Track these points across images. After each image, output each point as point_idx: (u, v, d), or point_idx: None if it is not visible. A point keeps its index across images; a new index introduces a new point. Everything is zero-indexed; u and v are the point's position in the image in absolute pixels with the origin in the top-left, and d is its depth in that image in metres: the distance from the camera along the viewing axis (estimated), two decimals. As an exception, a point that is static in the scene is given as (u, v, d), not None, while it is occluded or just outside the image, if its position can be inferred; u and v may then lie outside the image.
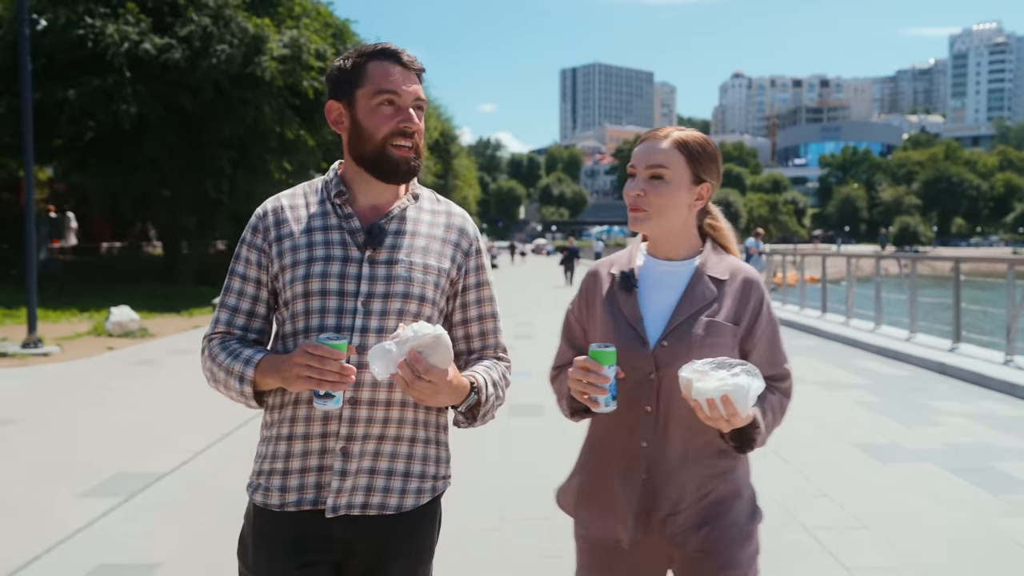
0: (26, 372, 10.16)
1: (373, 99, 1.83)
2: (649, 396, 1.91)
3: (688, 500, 1.92)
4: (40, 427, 7.12)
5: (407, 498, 1.86)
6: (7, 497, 5.16)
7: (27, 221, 12.43)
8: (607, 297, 2.02)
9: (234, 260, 1.92)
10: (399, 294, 1.84)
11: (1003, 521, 4.68)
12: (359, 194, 1.90)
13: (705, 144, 1.98)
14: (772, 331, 1.98)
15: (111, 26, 19.67)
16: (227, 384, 1.83)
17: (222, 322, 1.90)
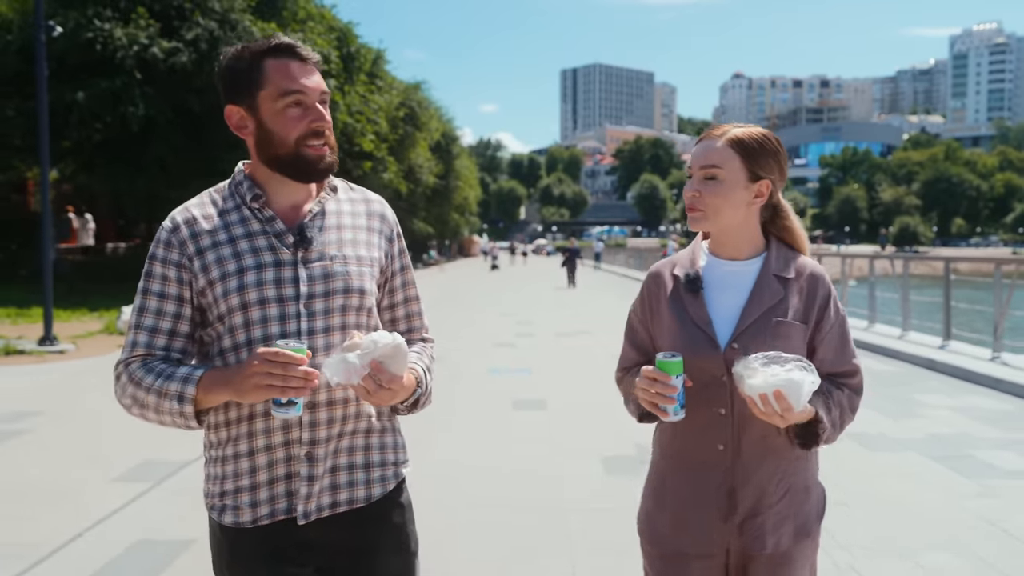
0: (45, 368, 10.50)
1: (279, 101, 1.76)
2: (722, 398, 1.90)
3: (767, 501, 1.92)
4: (66, 419, 7.47)
5: (374, 488, 1.87)
6: (45, 482, 5.50)
7: (43, 223, 12.79)
8: (672, 299, 2.00)
9: (145, 279, 1.81)
10: (339, 290, 1.81)
11: (975, 501, 5.02)
12: (275, 195, 1.84)
13: (763, 140, 1.94)
14: (840, 327, 1.97)
15: (120, 30, 20.04)
16: (158, 408, 1.73)
17: (141, 344, 1.78)
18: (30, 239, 25.89)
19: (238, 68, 1.78)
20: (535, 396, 8.37)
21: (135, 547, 4.33)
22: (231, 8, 21.15)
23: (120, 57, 19.72)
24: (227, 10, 21.10)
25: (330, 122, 1.80)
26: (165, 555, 4.22)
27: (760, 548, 1.91)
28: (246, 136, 1.81)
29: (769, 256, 1.98)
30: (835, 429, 1.90)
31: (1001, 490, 5.27)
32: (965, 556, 4.18)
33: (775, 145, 1.95)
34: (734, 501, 1.91)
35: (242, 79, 1.77)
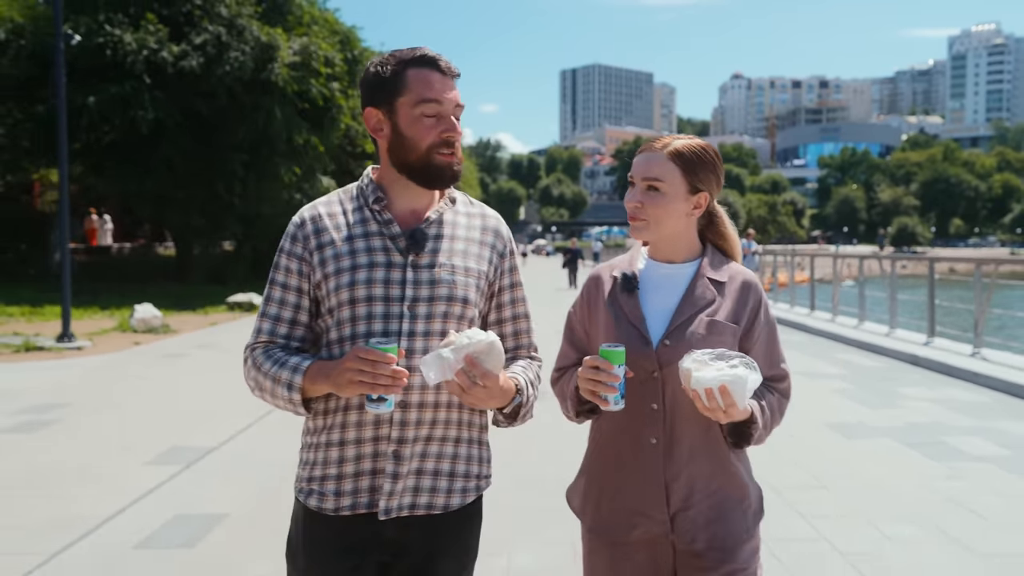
0: (65, 364, 10.93)
1: (416, 108, 1.84)
2: (655, 394, 1.96)
3: (697, 496, 1.97)
4: (93, 410, 7.90)
5: (453, 497, 1.90)
6: (82, 465, 5.93)
7: (60, 224, 13.20)
8: (609, 299, 2.06)
9: (273, 270, 1.93)
10: (443, 297, 1.87)
11: (942, 483, 5.47)
12: (397, 199, 1.92)
13: (702, 153, 2.01)
14: (770, 332, 2.04)
15: (129, 35, 20.45)
16: (274, 392, 1.84)
17: (264, 331, 1.91)
18: (38, 239, 26.36)
19: (382, 74, 1.86)
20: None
21: (173, 521, 4.77)
22: (238, 13, 21.55)
23: (130, 62, 20.13)
24: (234, 16, 21.51)
25: (461, 134, 1.89)
26: (200, 528, 4.66)
27: (691, 542, 1.96)
28: (380, 138, 1.90)
29: (704, 260, 2.05)
30: (765, 430, 1.96)
31: (967, 472, 5.71)
32: (927, 528, 4.62)
33: (713, 157, 2.02)
34: (667, 494, 1.96)
35: (384, 84, 1.85)
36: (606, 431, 2.06)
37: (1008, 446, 6.39)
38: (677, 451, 1.96)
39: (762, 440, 1.98)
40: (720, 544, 1.96)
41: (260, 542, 4.41)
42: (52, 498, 5.18)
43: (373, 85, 1.87)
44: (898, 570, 4.05)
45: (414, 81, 1.84)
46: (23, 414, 7.60)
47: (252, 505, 5.04)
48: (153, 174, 21.82)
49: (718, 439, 1.98)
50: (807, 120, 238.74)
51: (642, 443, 1.98)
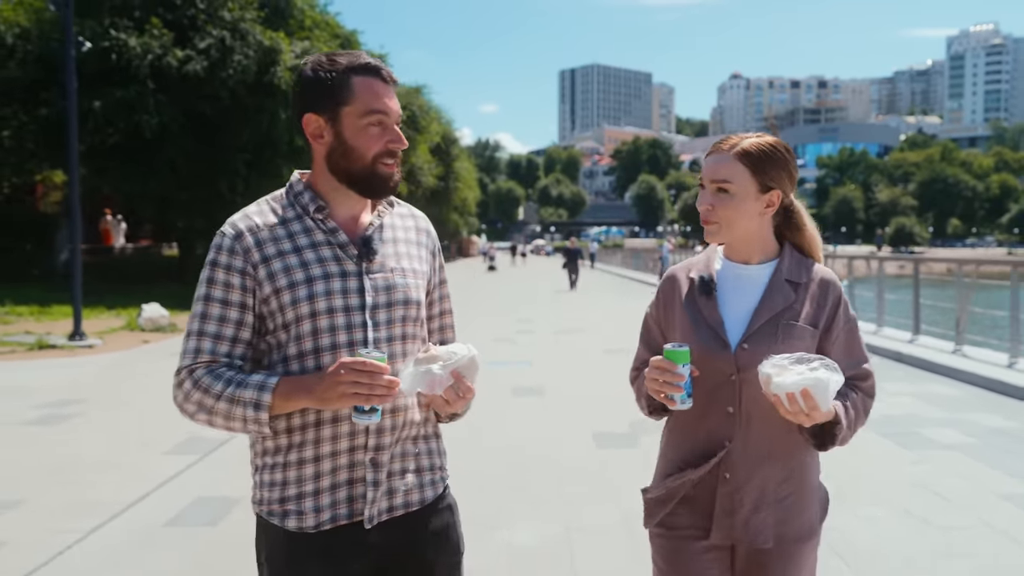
0: (78, 361, 11.31)
1: (362, 119, 1.82)
2: (731, 397, 1.96)
3: (768, 499, 1.99)
4: (110, 404, 8.28)
5: (426, 491, 1.94)
6: (105, 455, 6.31)
7: (72, 224, 13.55)
8: (686, 301, 2.06)
9: (207, 285, 1.83)
10: (400, 301, 1.88)
11: (910, 467, 5.86)
12: (338, 207, 1.89)
13: (771, 150, 1.99)
14: (850, 331, 2.04)
15: (134, 39, 20.83)
16: (229, 414, 1.76)
17: (205, 351, 1.80)
18: (42, 240, 26.71)
19: (324, 79, 1.82)
20: (534, 384, 9.19)
21: (196, 503, 5.15)
22: (241, 18, 21.94)
23: (135, 66, 20.50)
24: (237, 20, 21.89)
25: (406, 144, 1.89)
26: (221, 508, 5.04)
27: (763, 543, 1.98)
28: (319, 145, 1.86)
29: (781, 261, 2.04)
30: (850, 430, 1.96)
31: (935, 459, 6.10)
32: (893, 508, 5.01)
33: (783, 154, 2.00)
34: (739, 497, 1.98)
35: (327, 90, 1.82)
36: (679, 432, 2.08)
37: (976, 436, 6.78)
38: (750, 455, 1.97)
39: (847, 440, 1.97)
40: (787, 544, 2.00)
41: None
42: (82, 483, 5.57)
43: (315, 90, 1.83)
44: (863, 543, 4.44)
45: (360, 90, 1.81)
46: (44, 408, 7.99)
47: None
48: (157, 175, 22.19)
49: (794, 443, 1.99)
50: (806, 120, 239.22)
51: (715, 446, 1.99)
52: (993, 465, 5.92)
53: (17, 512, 4.98)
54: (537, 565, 4.21)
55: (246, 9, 22.34)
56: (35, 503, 5.15)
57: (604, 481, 5.54)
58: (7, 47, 21.58)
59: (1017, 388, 8.36)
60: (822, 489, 2.12)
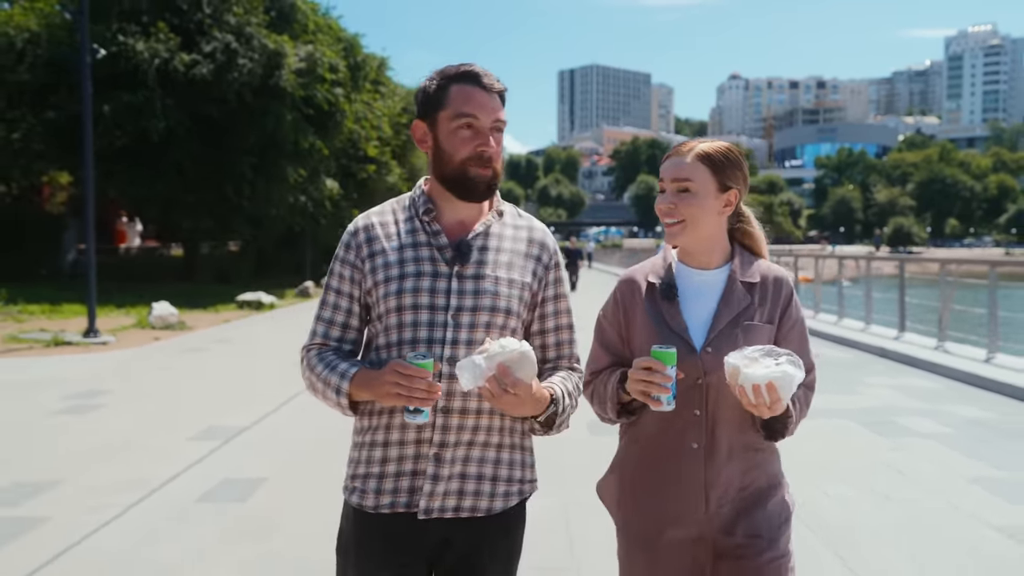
0: (94, 357, 11.74)
1: (453, 122, 1.91)
2: (698, 400, 2.01)
3: (732, 493, 2.05)
4: (132, 396, 8.72)
5: (496, 501, 1.96)
6: (134, 440, 6.75)
7: (86, 225, 13.96)
8: (648, 305, 2.10)
9: (329, 275, 2.03)
10: (486, 307, 1.92)
11: (886, 454, 6.31)
12: (445, 211, 1.98)
13: (727, 152, 2.09)
14: (800, 327, 2.12)
15: (142, 43, 21.26)
16: (325, 394, 1.94)
17: (318, 334, 2.00)
18: (49, 240, 27.17)
19: (428, 89, 1.96)
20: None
21: (223, 482, 5.59)
22: (247, 22, 22.37)
23: (143, 71, 20.92)
24: (243, 24, 22.32)
25: (496, 149, 1.93)
26: (247, 487, 5.48)
27: (729, 533, 2.04)
28: (426, 150, 2.00)
29: (735, 263, 2.11)
30: (796, 424, 2.05)
31: (908, 446, 6.55)
32: (862, 488, 5.45)
33: (738, 156, 2.10)
34: (706, 495, 2.04)
35: (429, 98, 1.95)
36: (645, 434, 2.11)
37: (951, 425, 7.22)
38: (717, 455, 2.03)
39: (792, 432, 2.06)
40: (758, 533, 2.05)
41: (297, 499, 5.24)
42: (116, 465, 6.01)
43: (421, 100, 1.97)
44: (833, 518, 4.87)
45: (455, 95, 1.91)
46: (71, 399, 8.43)
47: (286, 471, 5.87)
48: (163, 178, 22.61)
49: (752, 438, 2.06)
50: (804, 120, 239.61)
51: (683, 448, 2.04)
52: (966, 453, 6.36)
53: (57, 491, 5.42)
54: (537, 531, 4.64)
55: (251, 13, 22.77)
56: (73, 483, 5.59)
57: (598, 466, 5.95)
58: (17, 51, 22.02)
59: (993, 381, 8.81)
60: (784, 479, 2.18)
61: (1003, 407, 8.01)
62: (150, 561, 4.26)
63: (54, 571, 4.12)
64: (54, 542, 4.49)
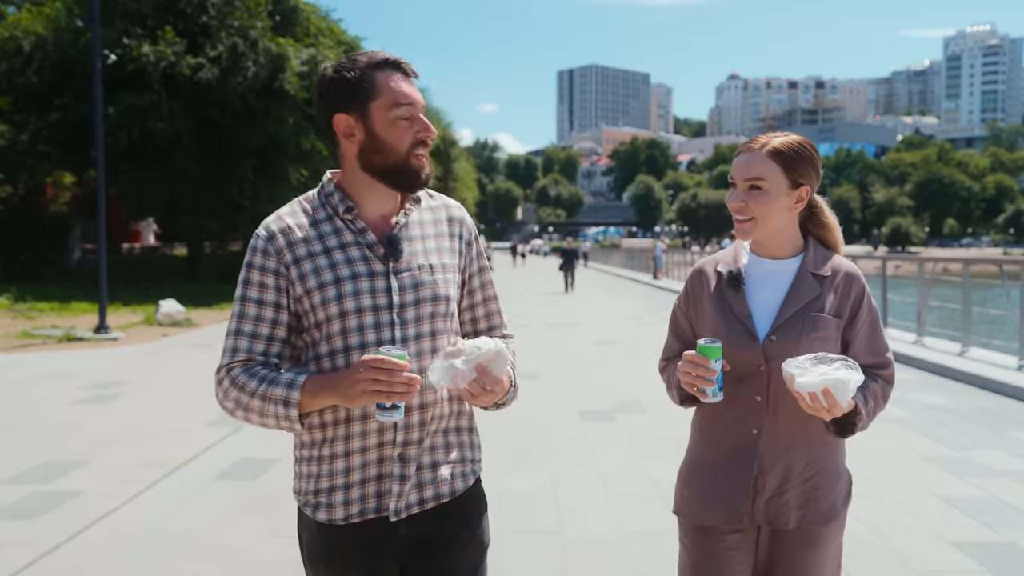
0: (107, 352, 12.22)
1: (390, 112, 1.85)
2: (759, 387, 2.04)
3: (793, 482, 2.06)
4: (147, 387, 9.21)
5: (457, 482, 1.96)
6: (153, 426, 7.24)
7: (98, 225, 14.43)
8: (715, 294, 2.12)
9: (244, 286, 1.89)
10: (428, 298, 1.90)
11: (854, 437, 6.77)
12: (366, 206, 1.92)
13: (800, 148, 2.07)
14: (872, 322, 2.10)
15: (147, 46, 21.71)
16: (263, 411, 1.82)
17: (242, 350, 1.86)
18: (55, 239, 27.62)
19: (348, 78, 1.85)
20: (528, 370, 10.09)
21: (240, 462, 6.08)
22: (251, 26, 22.83)
23: (149, 73, 21.38)
24: (247, 27, 22.78)
25: (435, 133, 1.90)
26: (262, 466, 5.97)
27: (784, 524, 2.06)
28: (351, 143, 1.88)
29: (807, 255, 2.11)
30: (869, 418, 2.06)
31: (874, 428, 6.95)
32: (828, 466, 5.93)
33: (810, 151, 2.09)
34: (763, 480, 2.06)
35: (353, 89, 1.85)
36: (710, 420, 2.16)
37: (914, 411, 7.72)
38: (777, 441, 2.05)
39: (866, 427, 2.09)
40: (810, 524, 2.08)
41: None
42: (139, 447, 6.49)
43: (341, 90, 1.86)
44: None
45: (385, 85, 1.85)
46: (90, 390, 8.92)
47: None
48: (167, 180, 23.06)
49: (818, 431, 2.07)
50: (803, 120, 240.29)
51: (744, 433, 2.08)
52: (924, 434, 6.85)
53: (88, 468, 5.90)
54: (527, 504, 5.13)
55: (255, 17, 23.24)
56: (101, 462, 6.08)
57: (585, 447, 6.46)
58: (24, 55, 22.49)
59: (962, 372, 9.30)
60: (847, 472, 2.19)
61: (968, 396, 8.50)
62: (175, 528, 4.74)
63: (91, 536, 4.61)
64: (89, 511, 4.97)
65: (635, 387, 8.89)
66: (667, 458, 5.91)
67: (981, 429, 7.06)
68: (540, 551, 4.34)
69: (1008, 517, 4.83)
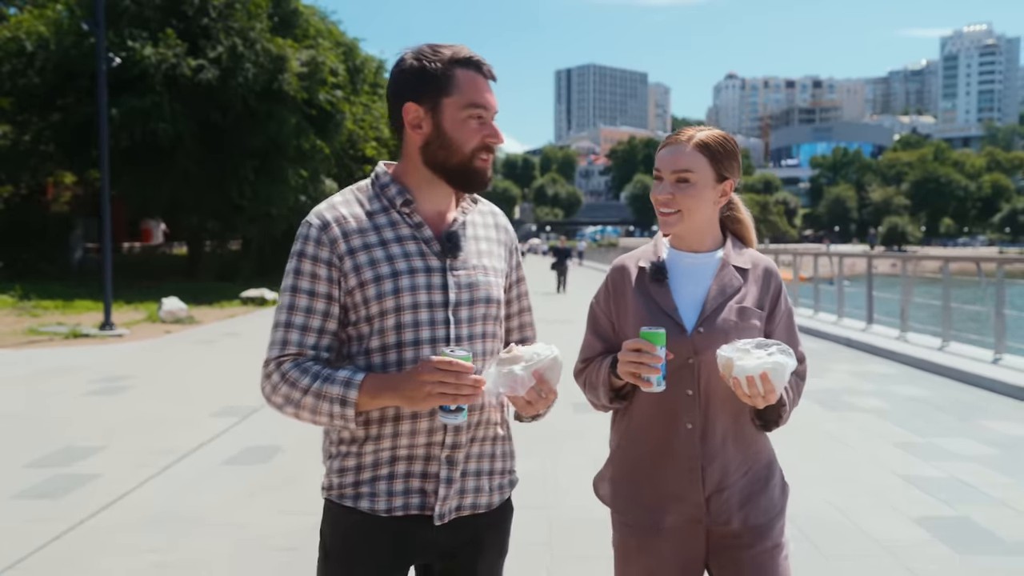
0: (112, 348, 12.54)
1: (463, 111, 1.81)
2: (690, 380, 2.00)
3: (731, 478, 2.03)
4: (153, 380, 9.53)
5: (495, 495, 1.93)
6: (162, 416, 7.56)
7: (103, 224, 14.75)
8: (637, 289, 2.09)
9: (295, 276, 1.82)
10: (482, 299, 1.87)
11: (827, 424, 7.15)
12: (424, 201, 1.87)
13: (724, 142, 2.07)
14: (788, 316, 2.12)
15: (149, 48, 22.00)
16: (316, 409, 1.76)
17: (293, 343, 1.80)
18: (56, 238, 27.91)
19: (428, 69, 1.80)
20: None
21: (246, 449, 6.41)
22: (251, 28, 23.13)
23: (151, 75, 21.67)
24: (247, 29, 23.08)
25: (502, 140, 1.87)
26: (267, 453, 6.29)
27: (726, 522, 2.03)
28: (416, 135, 1.84)
29: (727, 248, 2.11)
30: (789, 412, 2.06)
31: (848, 418, 7.39)
32: (800, 449, 6.26)
33: (734, 146, 2.09)
34: (701, 477, 2.02)
35: (431, 81, 1.80)
36: (638, 418, 2.10)
37: (892, 403, 8.07)
38: (711, 436, 2.02)
39: (786, 420, 2.07)
40: (755, 522, 2.04)
41: (312, 463, 6.03)
42: (150, 435, 6.82)
43: (418, 79, 1.81)
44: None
45: (463, 82, 1.81)
46: (98, 383, 9.24)
47: (300, 441, 6.67)
48: (169, 180, 23.35)
49: (747, 423, 2.06)
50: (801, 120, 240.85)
51: (678, 428, 2.03)
52: (896, 423, 7.20)
53: (103, 454, 6.23)
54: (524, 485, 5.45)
55: (255, 19, 23.53)
56: (116, 448, 6.40)
57: (578, 436, 6.78)
58: (27, 56, 22.78)
59: (940, 366, 9.67)
60: (777, 464, 2.17)
61: (944, 388, 8.86)
62: (187, 508, 5.06)
63: (110, 514, 4.93)
64: (107, 492, 5.30)
65: (625, 380, 9.21)
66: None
67: (951, 418, 7.42)
68: (529, 525, 4.66)
69: (964, 495, 5.18)
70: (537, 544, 4.42)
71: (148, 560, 4.21)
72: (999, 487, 5.34)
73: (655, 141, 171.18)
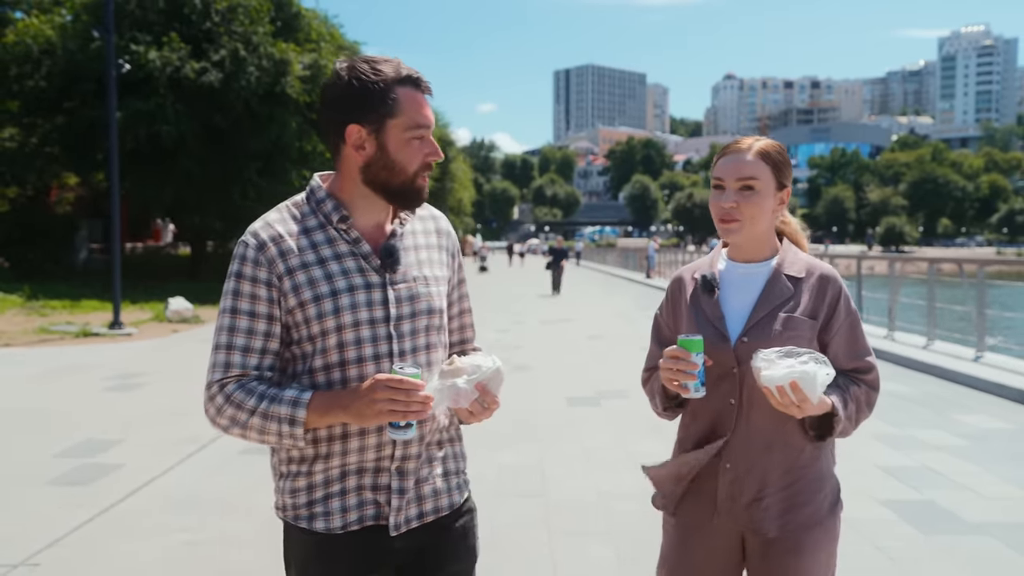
0: (122, 346, 12.90)
1: (406, 132, 1.80)
2: (733, 389, 2.03)
3: (772, 488, 2.03)
4: (166, 377, 9.90)
5: (453, 495, 1.96)
6: (179, 409, 7.92)
7: (112, 225, 15.09)
8: (691, 299, 2.14)
9: (234, 297, 1.80)
10: (424, 311, 1.87)
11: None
12: (361, 215, 1.87)
13: (782, 151, 2.12)
14: (851, 324, 2.07)
15: (153, 51, 22.35)
16: (263, 429, 1.76)
17: (236, 365, 1.79)
18: (61, 238, 28.24)
19: (369, 90, 1.78)
20: (522, 362, 10.79)
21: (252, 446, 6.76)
22: (253, 31, 23.49)
23: (155, 78, 22.02)
24: (250, 33, 23.44)
25: (441, 156, 1.87)
26: (280, 444, 6.66)
27: (764, 531, 2.04)
28: (358, 155, 1.82)
29: (781, 257, 2.11)
30: (850, 423, 2.00)
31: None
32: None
33: (787, 156, 2.14)
34: (740, 485, 2.05)
35: (373, 102, 1.78)
36: (688, 424, 2.16)
37: (875, 398, 8.42)
38: (752, 444, 2.04)
39: (848, 432, 2.03)
40: (791, 533, 2.04)
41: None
42: (169, 427, 7.18)
43: (360, 100, 1.79)
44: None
45: (406, 103, 1.80)
46: (113, 380, 9.62)
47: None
48: (172, 182, 23.70)
49: (795, 433, 2.04)
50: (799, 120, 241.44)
51: (717, 436, 2.07)
52: (876, 416, 7.53)
53: (124, 446, 6.60)
54: (518, 473, 5.84)
55: (258, 23, 23.89)
56: (136, 440, 6.77)
57: (572, 428, 7.16)
58: (33, 59, 23.13)
59: (925, 364, 10.04)
60: (833, 479, 2.15)
61: (926, 384, 9.23)
62: (211, 493, 5.44)
63: (139, 498, 5.31)
64: (133, 479, 5.67)
65: (620, 377, 9.56)
66: (646, 436, 6.62)
67: (928, 412, 7.80)
68: (527, 509, 5.04)
69: (932, 481, 5.57)
70: (535, 524, 4.77)
71: (179, 539, 4.59)
72: (965, 474, 5.71)
73: (653, 141, 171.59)
